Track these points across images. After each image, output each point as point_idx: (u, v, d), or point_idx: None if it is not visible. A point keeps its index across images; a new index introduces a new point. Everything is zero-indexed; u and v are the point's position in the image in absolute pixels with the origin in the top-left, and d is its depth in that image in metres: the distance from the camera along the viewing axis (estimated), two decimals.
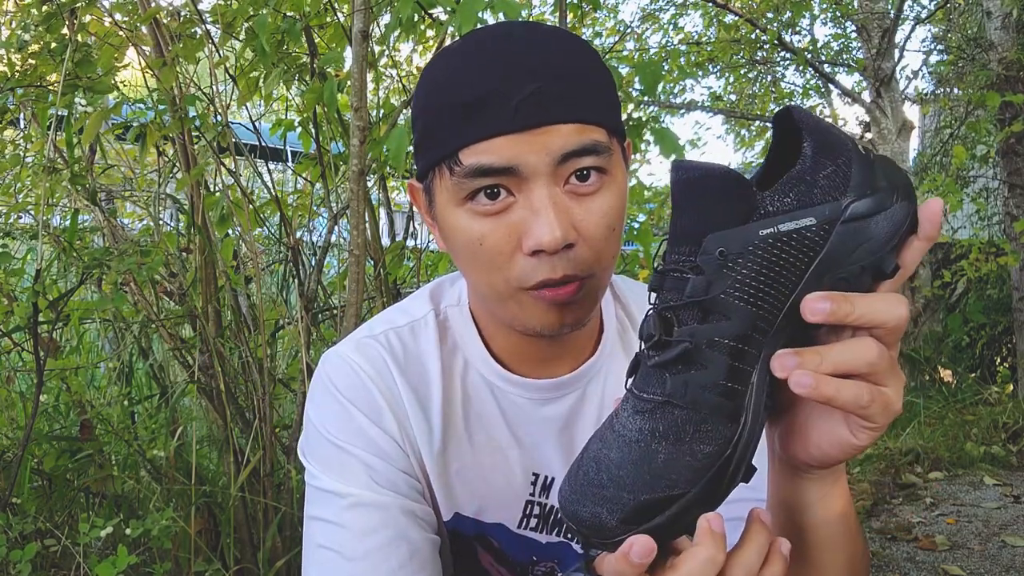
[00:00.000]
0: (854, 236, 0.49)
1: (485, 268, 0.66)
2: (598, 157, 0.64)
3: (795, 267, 0.49)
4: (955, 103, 5.27)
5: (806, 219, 0.48)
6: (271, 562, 1.72)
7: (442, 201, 0.67)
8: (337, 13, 1.84)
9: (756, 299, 0.48)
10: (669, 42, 5.85)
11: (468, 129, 0.63)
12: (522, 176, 0.62)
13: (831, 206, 0.49)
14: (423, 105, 0.68)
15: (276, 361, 2.06)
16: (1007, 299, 4.44)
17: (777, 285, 0.48)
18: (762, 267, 0.48)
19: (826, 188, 0.49)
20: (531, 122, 0.62)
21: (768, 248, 0.48)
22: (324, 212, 2.08)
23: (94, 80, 1.65)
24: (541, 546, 0.80)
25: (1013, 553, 2.50)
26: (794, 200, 0.49)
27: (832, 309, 0.47)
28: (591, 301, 0.68)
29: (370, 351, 0.76)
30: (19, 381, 2.14)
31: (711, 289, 0.48)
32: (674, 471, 0.48)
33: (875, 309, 0.48)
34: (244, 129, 2.09)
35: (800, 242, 0.48)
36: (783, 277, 0.49)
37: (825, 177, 0.49)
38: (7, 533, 1.59)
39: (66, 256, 1.84)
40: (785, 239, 0.48)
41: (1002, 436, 3.62)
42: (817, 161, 0.49)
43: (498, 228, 0.64)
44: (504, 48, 0.64)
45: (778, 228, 0.48)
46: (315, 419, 0.75)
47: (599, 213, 0.65)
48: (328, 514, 0.72)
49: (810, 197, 0.49)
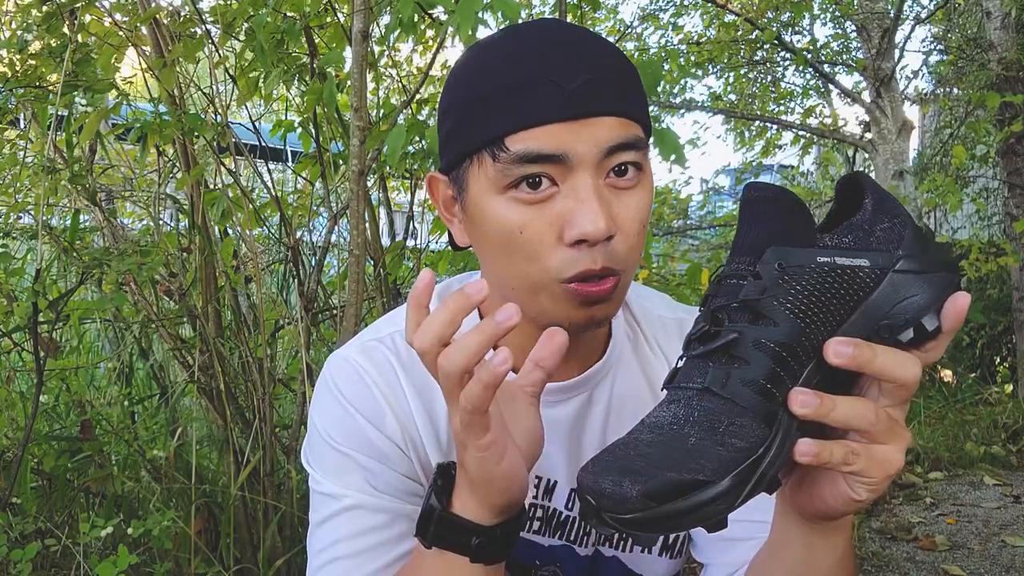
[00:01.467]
0: (902, 288, 0.52)
1: (522, 258, 0.65)
2: (638, 153, 0.64)
3: (844, 302, 0.52)
4: (955, 103, 5.27)
5: (861, 260, 0.52)
6: (271, 562, 1.72)
7: (478, 189, 0.66)
8: (337, 13, 1.84)
9: (805, 316, 0.51)
10: (669, 42, 5.85)
11: (516, 115, 0.62)
12: (569, 165, 0.62)
13: (884, 256, 0.52)
14: (459, 94, 0.67)
15: (276, 361, 2.06)
16: (1007, 299, 4.44)
17: (825, 312, 0.51)
18: (815, 290, 0.51)
19: (881, 239, 0.53)
20: (582, 111, 0.62)
21: (823, 275, 0.51)
22: (324, 212, 2.08)
23: (92, 80, 1.65)
24: (544, 549, 0.80)
25: (1013, 553, 2.50)
26: (851, 242, 0.53)
27: (855, 354, 0.49)
28: (619, 300, 0.68)
29: (376, 354, 0.76)
30: (19, 381, 2.14)
31: (765, 293, 0.51)
32: (703, 456, 0.49)
33: (895, 363, 0.50)
34: (244, 129, 2.09)
35: (852, 279, 0.52)
36: (832, 307, 0.51)
37: (882, 231, 0.53)
38: (7, 533, 1.59)
39: (66, 257, 1.85)
40: (839, 271, 0.51)
41: (1002, 436, 3.62)
42: (876, 216, 0.54)
43: (540, 217, 0.63)
44: (549, 38, 0.65)
45: (835, 260, 0.52)
46: (318, 423, 0.75)
47: (635, 208, 0.65)
48: (325, 517, 0.72)
49: (866, 243, 0.53)
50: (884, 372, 0.50)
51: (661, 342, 0.81)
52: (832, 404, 0.49)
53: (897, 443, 0.51)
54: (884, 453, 0.51)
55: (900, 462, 0.51)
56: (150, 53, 1.80)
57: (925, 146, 6.36)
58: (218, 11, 1.76)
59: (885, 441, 0.51)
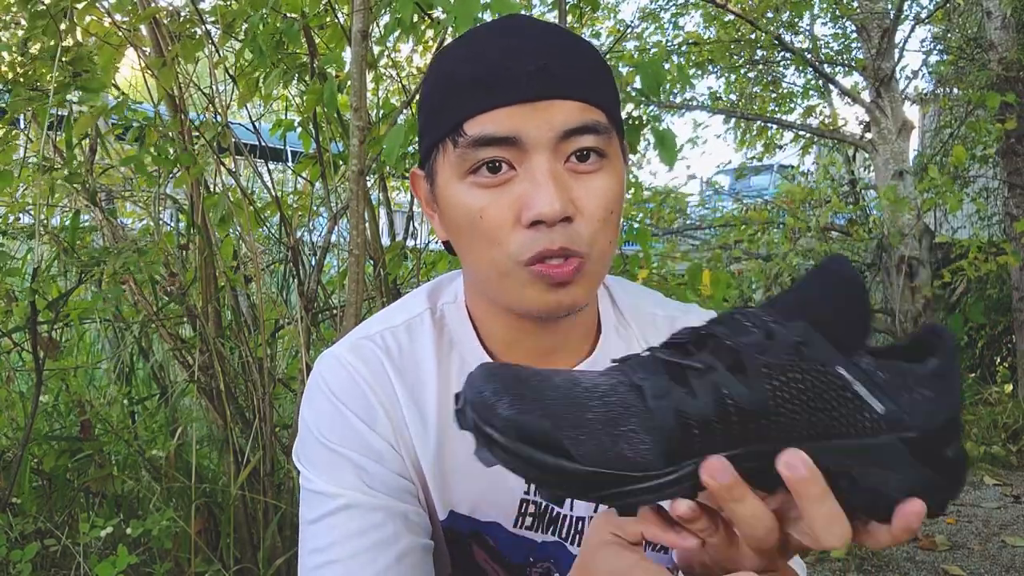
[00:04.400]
0: (892, 457, 0.47)
1: (485, 243, 0.66)
2: (598, 137, 0.65)
3: (827, 424, 0.47)
4: (955, 103, 5.26)
5: (877, 403, 0.47)
6: (271, 561, 1.72)
7: (444, 178, 0.67)
8: (337, 14, 1.84)
9: (781, 404, 0.46)
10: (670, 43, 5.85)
11: (473, 102, 0.64)
12: (524, 148, 0.63)
13: (900, 419, 0.47)
14: (428, 89, 0.69)
15: (276, 361, 2.06)
16: (1007, 299, 4.44)
17: (802, 418, 0.47)
18: (811, 393, 0.47)
19: (912, 402, 0.48)
20: (533, 94, 0.63)
21: (829, 385, 0.47)
22: (324, 212, 2.08)
23: (87, 80, 1.65)
24: (537, 546, 0.80)
25: (1013, 553, 2.50)
26: (884, 382, 0.48)
27: (805, 481, 0.46)
28: (588, 284, 0.68)
29: (365, 352, 0.76)
30: (19, 381, 2.14)
31: (763, 355, 0.47)
32: (587, 434, 0.46)
33: (829, 522, 0.46)
34: (244, 129, 2.09)
35: (853, 412, 0.47)
36: (813, 419, 0.47)
37: (921, 396, 0.48)
38: (7, 533, 1.59)
39: (66, 257, 1.85)
40: (847, 396, 0.47)
41: (1002, 436, 3.62)
42: (929, 380, 0.48)
43: (499, 201, 0.64)
44: (510, 30, 0.67)
45: (853, 385, 0.47)
46: (309, 421, 0.75)
47: (597, 192, 0.65)
48: (319, 516, 0.72)
49: (896, 393, 0.48)
50: (814, 521, 0.46)
51: (651, 339, 0.81)
52: (740, 496, 0.47)
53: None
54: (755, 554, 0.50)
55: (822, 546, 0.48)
56: (150, 53, 1.80)
57: (925, 146, 6.35)
58: (218, 11, 1.76)
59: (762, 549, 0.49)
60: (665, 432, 0.47)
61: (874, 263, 4.76)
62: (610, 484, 0.47)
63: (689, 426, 0.47)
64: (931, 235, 4.71)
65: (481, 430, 0.47)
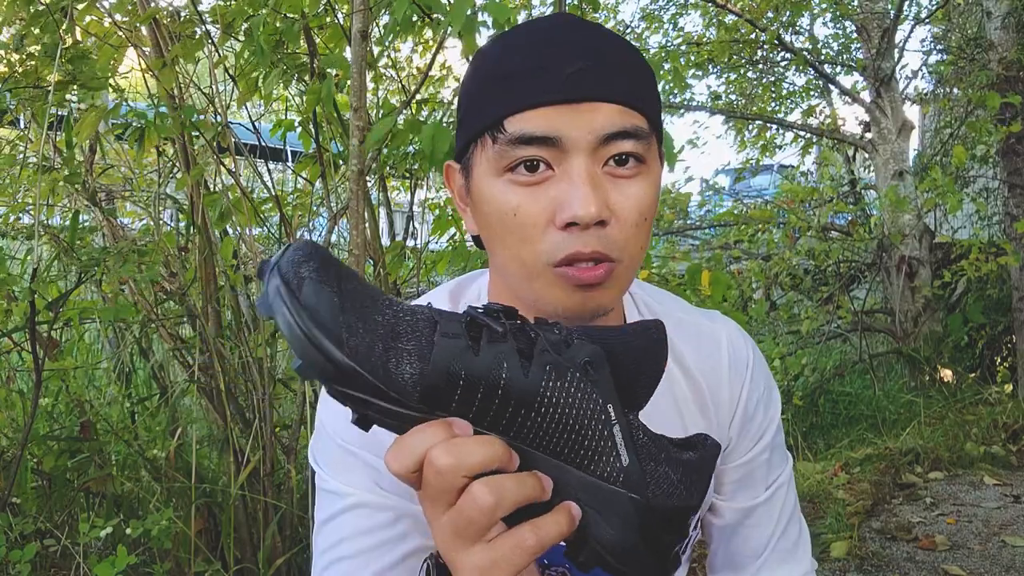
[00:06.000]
0: (620, 512, 0.49)
1: (516, 241, 0.65)
2: (638, 143, 0.64)
3: (581, 453, 0.49)
4: (955, 103, 5.26)
5: (627, 455, 0.49)
6: (271, 561, 1.72)
7: (480, 172, 0.67)
8: (337, 14, 1.84)
9: (545, 402, 0.47)
10: (670, 43, 5.85)
11: (514, 98, 0.63)
12: (563, 148, 0.63)
13: (641, 481, 0.50)
14: (468, 84, 0.69)
15: (276, 361, 2.06)
16: (1007, 299, 4.44)
17: (558, 431, 0.48)
18: (577, 411, 0.48)
19: (658, 475, 0.50)
20: (576, 95, 0.62)
21: (594, 415, 0.48)
22: (324, 212, 2.08)
23: (86, 78, 1.65)
24: (553, 549, 0.80)
25: (1013, 553, 2.50)
26: (643, 441, 0.50)
27: (492, 503, 0.47)
28: (616, 290, 0.67)
29: None
30: (19, 381, 2.14)
31: (553, 352, 0.48)
32: (365, 330, 0.45)
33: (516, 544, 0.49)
34: (244, 129, 2.09)
35: (605, 453, 0.49)
36: (569, 439, 0.48)
37: (668, 475, 0.50)
38: (7, 533, 1.59)
39: (66, 257, 1.85)
40: (604, 435, 0.49)
41: (1002, 436, 3.62)
42: (680, 465, 0.51)
43: (534, 200, 0.64)
44: (555, 29, 0.66)
45: (614, 427, 0.49)
46: (324, 420, 0.75)
47: (634, 198, 0.65)
48: (330, 515, 0.72)
49: (648, 459, 0.50)
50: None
51: (677, 344, 0.80)
52: (460, 450, 0.46)
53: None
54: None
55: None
56: (150, 53, 1.80)
57: (925, 146, 6.35)
58: (218, 11, 1.77)
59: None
60: (435, 370, 0.46)
61: (874, 263, 4.76)
62: (361, 389, 0.45)
63: (456, 379, 0.46)
64: (931, 235, 4.72)
65: (272, 281, 0.45)
